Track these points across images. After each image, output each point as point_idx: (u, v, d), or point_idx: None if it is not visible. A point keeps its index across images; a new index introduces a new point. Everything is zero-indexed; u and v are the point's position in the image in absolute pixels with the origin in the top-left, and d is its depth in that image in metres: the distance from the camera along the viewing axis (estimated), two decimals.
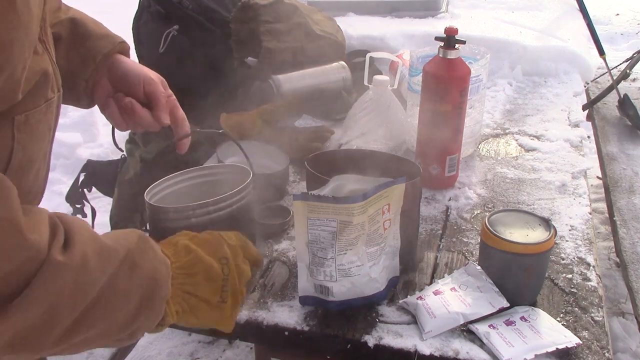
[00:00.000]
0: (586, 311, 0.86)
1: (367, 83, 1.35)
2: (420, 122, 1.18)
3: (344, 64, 1.62)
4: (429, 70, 1.12)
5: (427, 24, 2.08)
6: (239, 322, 0.85)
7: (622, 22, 5.56)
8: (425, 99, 1.14)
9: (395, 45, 1.91)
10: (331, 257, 0.81)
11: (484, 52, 1.32)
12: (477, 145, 1.39)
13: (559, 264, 0.96)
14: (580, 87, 1.81)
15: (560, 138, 1.43)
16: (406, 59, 1.53)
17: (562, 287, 0.91)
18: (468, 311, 0.83)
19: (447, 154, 1.16)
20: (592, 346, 0.80)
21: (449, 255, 1.00)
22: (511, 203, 1.16)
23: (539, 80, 1.85)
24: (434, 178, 1.18)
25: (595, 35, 2.17)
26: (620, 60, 2.38)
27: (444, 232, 1.07)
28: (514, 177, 1.26)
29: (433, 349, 0.79)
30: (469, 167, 1.30)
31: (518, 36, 1.97)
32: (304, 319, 0.85)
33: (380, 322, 0.85)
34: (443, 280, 0.91)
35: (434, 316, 0.82)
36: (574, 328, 0.83)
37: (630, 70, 2.23)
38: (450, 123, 1.13)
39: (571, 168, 1.28)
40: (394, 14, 2.22)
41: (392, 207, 0.84)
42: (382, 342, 0.81)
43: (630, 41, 4.82)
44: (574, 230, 1.06)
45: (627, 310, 2.07)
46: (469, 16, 2.24)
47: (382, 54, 1.53)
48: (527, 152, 1.38)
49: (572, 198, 1.17)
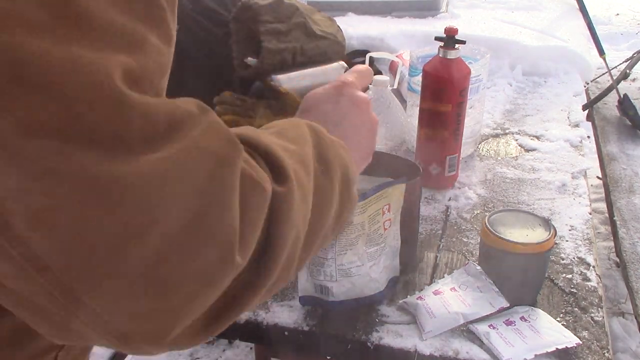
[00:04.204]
0: (586, 311, 0.86)
1: None
2: (420, 122, 1.18)
3: (344, 64, 1.61)
4: (429, 70, 1.12)
5: (427, 24, 2.08)
6: (239, 322, 0.85)
7: (622, 22, 5.56)
8: (425, 99, 1.14)
9: (395, 45, 1.91)
10: (331, 257, 0.81)
11: (484, 52, 1.32)
12: (477, 145, 1.39)
13: (559, 264, 0.96)
14: (580, 87, 1.81)
15: (560, 138, 1.43)
16: (406, 59, 1.52)
17: (562, 287, 0.91)
18: (468, 311, 0.83)
19: (447, 154, 1.16)
20: (592, 346, 0.80)
21: (449, 255, 1.00)
22: (511, 203, 1.16)
23: (539, 80, 1.84)
24: (434, 178, 1.18)
25: (595, 35, 2.17)
26: (620, 60, 2.38)
27: (444, 232, 1.07)
28: (514, 177, 1.26)
29: (433, 349, 0.79)
30: (469, 167, 1.30)
31: (518, 36, 1.97)
32: (304, 319, 0.85)
33: (380, 322, 0.85)
34: (443, 280, 0.91)
35: (434, 316, 0.82)
36: (574, 328, 0.83)
37: (630, 70, 2.23)
38: (450, 123, 1.13)
39: (571, 168, 1.28)
40: (394, 14, 2.22)
41: (392, 207, 0.84)
42: (382, 342, 0.81)
43: (630, 41, 4.82)
44: (574, 230, 1.06)
45: (627, 310, 2.07)
46: (469, 16, 2.24)
47: (382, 54, 1.53)
48: (527, 152, 1.38)
49: (572, 198, 1.17)
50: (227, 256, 0.42)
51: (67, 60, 0.33)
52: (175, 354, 1.96)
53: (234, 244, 0.42)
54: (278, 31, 1.58)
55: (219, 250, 0.41)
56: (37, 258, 0.36)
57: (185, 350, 1.96)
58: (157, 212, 0.37)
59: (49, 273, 0.36)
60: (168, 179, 0.38)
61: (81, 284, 0.37)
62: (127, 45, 0.37)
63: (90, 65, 0.34)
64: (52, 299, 0.38)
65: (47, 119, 0.33)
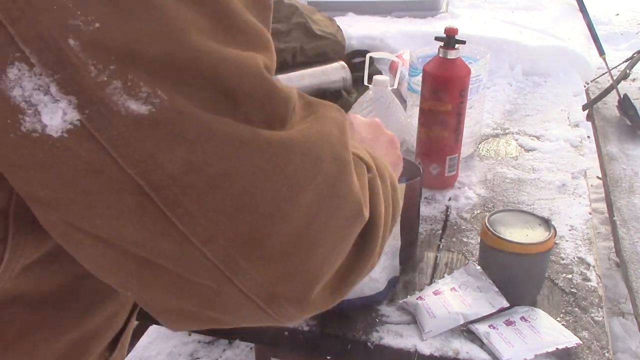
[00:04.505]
0: (586, 311, 0.86)
1: (367, 83, 1.35)
2: (420, 122, 1.18)
3: (344, 64, 1.61)
4: (429, 70, 1.12)
5: (427, 24, 2.08)
6: None
7: (622, 22, 5.56)
8: (425, 99, 1.14)
9: (395, 45, 1.91)
10: None
11: (484, 52, 1.32)
12: (477, 145, 1.39)
13: (559, 264, 0.96)
14: (580, 87, 1.81)
15: (560, 138, 1.43)
16: (406, 59, 1.52)
17: (562, 287, 0.91)
18: (468, 311, 0.83)
19: (447, 154, 1.16)
20: (592, 346, 0.80)
21: (449, 255, 1.00)
22: (511, 203, 1.16)
23: (539, 80, 1.84)
24: (434, 178, 1.18)
25: (595, 35, 2.17)
26: (620, 60, 2.39)
27: (444, 232, 1.07)
28: (514, 177, 1.26)
29: (433, 349, 0.79)
30: (469, 167, 1.30)
31: (518, 36, 1.97)
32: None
33: (380, 322, 0.85)
34: (443, 280, 0.91)
35: (434, 316, 0.82)
36: (574, 328, 0.83)
37: (630, 70, 2.24)
38: (450, 123, 1.13)
39: (571, 168, 1.29)
40: (394, 14, 2.22)
41: None
42: (382, 342, 0.81)
43: (630, 41, 4.81)
44: (574, 230, 1.06)
45: (627, 310, 2.07)
46: (469, 16, 2.24)
47: (382, 54, 1.53)
48: (527, 152, 1.38)
49: (572, 198, 1.17)
50: (359, 210, 0.48)
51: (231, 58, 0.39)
52: (175, 354, 1.96)
53: (361, 198, 0.48)
54: (278, 31, 1.58)
55: (353, 205, 0.47)
56: (204, 230, 0.40)
57: (186, 350, 1.97)
58: (313, 172, 0.43)
59: (213, 243, 0.40)
60: (316, 144, 0.44)
61: (244, 247, 0.41)
62: (261, 45, 0.43)
63: (246, 61, 0.40)
64: (209, 270, 0.41)
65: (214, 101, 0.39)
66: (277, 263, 0.42)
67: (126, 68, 0.36)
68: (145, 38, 0.36)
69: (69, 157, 0.37)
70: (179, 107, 0.37)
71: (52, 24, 0.34)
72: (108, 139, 0.36)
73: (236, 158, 0.39)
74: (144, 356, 1.94)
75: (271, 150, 0.41)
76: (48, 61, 0.34)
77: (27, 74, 0.35)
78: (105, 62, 0.35)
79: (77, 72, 0.35)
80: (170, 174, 0.38)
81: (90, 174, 0.37)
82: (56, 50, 0.34)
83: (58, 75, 0.35)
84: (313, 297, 0.46)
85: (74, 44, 0.35)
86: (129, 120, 0.36)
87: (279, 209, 0.41)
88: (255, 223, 0.41)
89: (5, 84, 0.35)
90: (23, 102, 0.35)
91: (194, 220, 0.39)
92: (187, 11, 0.38)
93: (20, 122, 0.36)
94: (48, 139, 0.36)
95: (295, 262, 0.43)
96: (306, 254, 0.44)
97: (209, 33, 0.39)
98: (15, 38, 0.34)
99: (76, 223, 0.40)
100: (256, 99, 0.41)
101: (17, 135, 0.36)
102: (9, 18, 0.34)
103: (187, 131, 0.38)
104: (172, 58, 0.37)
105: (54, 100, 0.35)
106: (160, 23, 0.36)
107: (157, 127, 0.37)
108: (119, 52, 0.35)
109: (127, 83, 0.36)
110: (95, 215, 0.39)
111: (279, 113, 0.43)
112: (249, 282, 0.42)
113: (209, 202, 0.39)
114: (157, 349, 1.97)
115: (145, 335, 2.00)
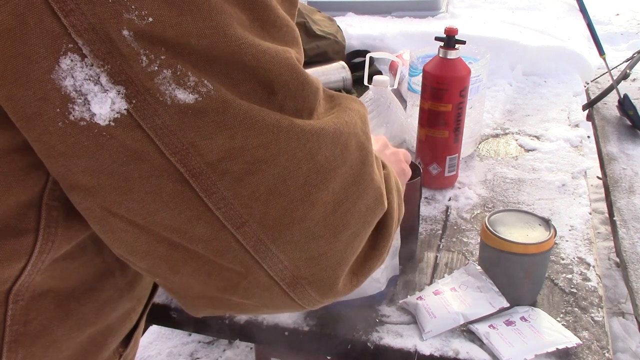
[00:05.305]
0: (586, 311, 0.86)
1: (367, 83, 1.35)
2: (420, 122, 1.18)
3: (344, 64, 1.61)
4: (429, 70, 1.12)
5: (427, 24, 2.08)
6: (238, 322, 0.85)
7: (622, 22, 5.56)
8: (425, 99, 1.14)
9: (395, 45, 1.91)
10: None
11: (484, 52, 1.32)
12: (477, 145, 1.39)
13: (559, 264, 0.96)
14: (580, 87, 1.81)
15: (560, 138, 1.43)
16: (406, 59, 1.53)
17: (562, 287, 0.91)
18: (468, 311, 0.83)
19: (447, 154, 1.16)
20: (592, 346, 0.80)
21: (449, 255, 1.00)
22: (511, 203, 1.16)
23: (539, 80, 1.84)
24: (434, 178, 1.18)
25: (595, 35, 2.17)
26: (620, 60, 2.38)
27: (444, 232, 1.07)
28: (514, 177, 1.26)
29: (433, 349, 0.79)
30: (469, 167, 1.30)
31: (518, 36, 1.97)
32: (304, 319, 0.85)
33: (380, 322, 0.85)
34: (443, 280, 0.91)
35: (434, 316, 0.82)
36: (574, 328, 0.83)
37: (630, 70, 2.23)
38: (450, 123, 1.14)
39: (571, 168, 1.29)
40: (394, 14, 2.22)
41: None
42: (382, 342, 0.81)
43: (630, 41, 4.82)
44: (574, 230, 1.06)
45: (627, 310, 2.07)
46: (469, 16, 2.25)
47: (382, 54, 1.53)
48: (527, 152, 1.38)
49: (572, 198, 1.17)
50: (380, 197, 0.50)
51: (270, 51, 0.41)
52: (175, 354, 1.96)
53: (382, 187, 0.51)
54: None
55: (374, 192, 0.49)
56: (238, 215, 0.42)
57: (186, 350, 1.97)
58: (340, 160, 0.45)
59: (246, 227, 0.42)
60: (343, 133, 0.46)
61: (274, 232, 0.43)
62: (293, 40, 0.45)
63: (283, 54, 0.42)
64: (239, 254, 0.43)
65: (254, 91, 0.41)
66: (304, 247, 0.44)
67: (176, 58, 0.37)
68: (194, 30, 0.38)
69: (114, 145, 0.38)
70: (223, 95, 0.39)
71: (106, 17, 0.36)
72: (153, 127, 0.38)
73: (273, 145, 0.41)
74: (144, 356, 1.94)
75: (305, 138, 0.43)
76: (99, 52, 0.36)
77: (79, 64, 0.36)
78: (156, 52, 0.37)
79: (127, 63, 0.36)
80: (209, 161, 0.39)
81: (133, 161, 0.39)
82: (108, 41, 0.36)
83: (108, 65, 0.36)
84: (334, 282, 0.48)
85: (127, 34, 0.36)
86: (173, 110, 0.38)
87: (309, 194, 0.43)
88: (286, 208, 0.42)
89: (58, 74, 0.36)
90: (74, 91, 0.36)
91: (229, 205, 0.41)
92: (230, 7, 0.39)
93: (70, 111, 0.37)
94: (95, 127, 0.37)
95: (321, 246, 0.45)
96: (331, 238, 0.46)
97: (249, 28, 0.41)
98: (68, 29, 0.35)
99: (113, 208, 0.41)
100: (290, 89, 0.43)
101: (64, 124, 0.37)
102: (63, 10, 0.35)
103: (229, 119, 0.39)
104: (218, 50, 0.38)
105: (103, 90, 0.37)
106: (208, 17, 0.38)
107: (201, 116, 0.39)
108: (170, 43, 0.37)
109: (176, 72, 0.37)
110: (133, 200, 0.40)
111: (308, 103, 0.45)
112: (277, 265, 0.44)
113: (244, 187, 0.41)
114: (157, 349, 1.97)
115: (146, 335, 2.00)
